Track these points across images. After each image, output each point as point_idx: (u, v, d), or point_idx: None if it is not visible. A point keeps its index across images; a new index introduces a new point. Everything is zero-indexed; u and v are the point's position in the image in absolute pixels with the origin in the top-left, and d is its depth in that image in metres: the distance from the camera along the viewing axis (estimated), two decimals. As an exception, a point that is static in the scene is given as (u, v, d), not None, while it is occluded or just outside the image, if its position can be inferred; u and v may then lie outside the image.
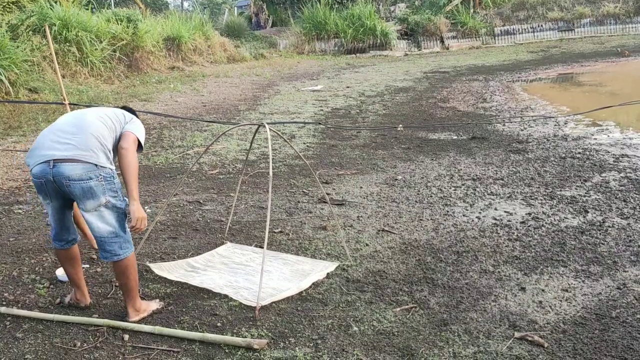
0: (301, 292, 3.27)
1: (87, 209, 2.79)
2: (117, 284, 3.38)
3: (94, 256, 3.80)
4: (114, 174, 2.86)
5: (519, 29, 22.94)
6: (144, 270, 3.53)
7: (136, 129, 3.01)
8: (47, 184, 2.80)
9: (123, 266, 2.90)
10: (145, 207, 4.90)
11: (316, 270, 3.53)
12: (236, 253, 3.88)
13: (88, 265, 3.68)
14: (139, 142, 3.01)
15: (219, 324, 2.94)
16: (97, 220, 2.81)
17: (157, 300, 3.17)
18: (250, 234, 4.27)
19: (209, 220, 4.58)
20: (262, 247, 3.37)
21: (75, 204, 3.05)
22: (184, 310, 3.10)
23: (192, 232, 4.35)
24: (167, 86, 12.44)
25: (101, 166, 2.78)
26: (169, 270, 3.57)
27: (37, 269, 3.67)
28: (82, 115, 2.97)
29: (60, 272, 3.50)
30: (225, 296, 3.23)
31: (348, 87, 13.00)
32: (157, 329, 2.86)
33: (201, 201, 5.09)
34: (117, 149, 2.92)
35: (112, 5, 27.11)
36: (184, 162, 6.59)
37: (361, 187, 5.42)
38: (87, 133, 2.82)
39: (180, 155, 6.89)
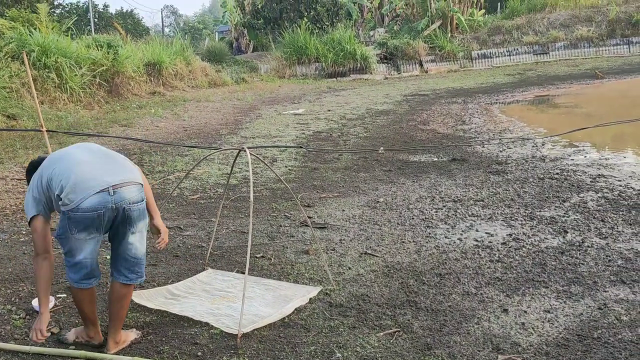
0: (284, 318, 3.23)
1: (137, 231, 2.78)
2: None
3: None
4: None
5: (495, 53, 23.45)
6: (123, 298, 3.46)
7: None
8: (106, 214, 2.60)
9: (128, 291, 2.89)
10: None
11: (298, 295, 3.50)
12: (217, 279, 3.83)
13: (65, 295, 3.60)
14: None
15: (199, 353, 2.89)
16: (139, 240, 2.83)
17: (134, 329, 3.10)
18: (231, 260, 4.23)
19: (189, 246, 4.53)
20: (244, 273, 3.33)
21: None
22: (163, 339, 3.04)
23: (172, 258, 4.29)
24: (148, 111, 12.39)
25: (142, 185, 2.83)
26: (149, 298, 3.51)
27: (13, 299, 3.58)
28: (88, 146, 2.87)
29: (35, 303, 3.41)
30: (206, 324, 3.17)
31: (329, 110, 13.09)
32: (136, 359, 2.80)
33: (182, 227, 5.03)
34: None
35: (93, 31, 27.12)
36: (165, 187, 6.54)
37: (343, 210, 5.42)
38: (116, 155, 2.84)
39: (160, 180, 6.84)
